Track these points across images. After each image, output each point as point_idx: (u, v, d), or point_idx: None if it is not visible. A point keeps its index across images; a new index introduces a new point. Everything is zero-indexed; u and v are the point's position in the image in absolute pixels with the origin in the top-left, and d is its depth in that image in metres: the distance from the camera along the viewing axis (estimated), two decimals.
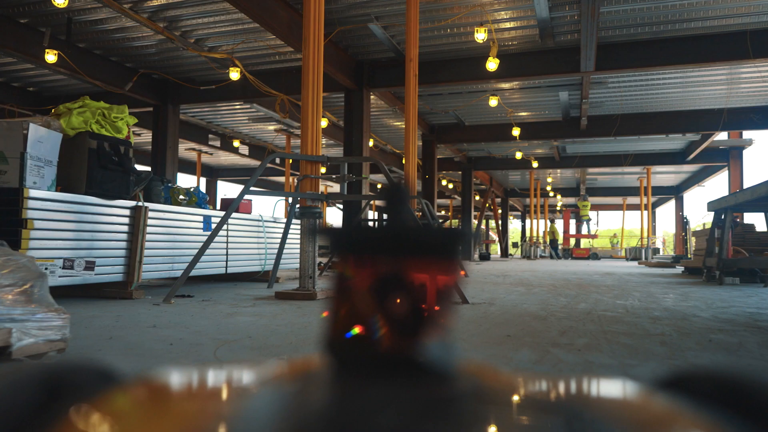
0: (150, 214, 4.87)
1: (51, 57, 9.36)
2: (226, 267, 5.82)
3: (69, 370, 0.40)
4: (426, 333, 0.38)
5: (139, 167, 6.53)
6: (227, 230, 5.85)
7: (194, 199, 5.67)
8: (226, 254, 5.83)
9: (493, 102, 11.85)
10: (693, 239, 11.23)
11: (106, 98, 12.70)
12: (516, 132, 13.76)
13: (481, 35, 8.49)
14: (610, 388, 0.42)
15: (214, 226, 5.67)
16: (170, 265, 5.09)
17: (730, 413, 0.35)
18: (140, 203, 4.67)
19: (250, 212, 6.42)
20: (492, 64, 9.32)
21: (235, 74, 9.94)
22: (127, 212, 4.60)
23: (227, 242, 5.85)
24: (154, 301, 4.49)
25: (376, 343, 0.38)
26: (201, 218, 5.46)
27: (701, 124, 13.14)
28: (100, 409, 0.34)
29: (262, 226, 6.43)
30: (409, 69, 8.20)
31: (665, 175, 21.97)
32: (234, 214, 6.05)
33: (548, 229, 24.55)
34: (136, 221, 4.64)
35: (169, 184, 5.68)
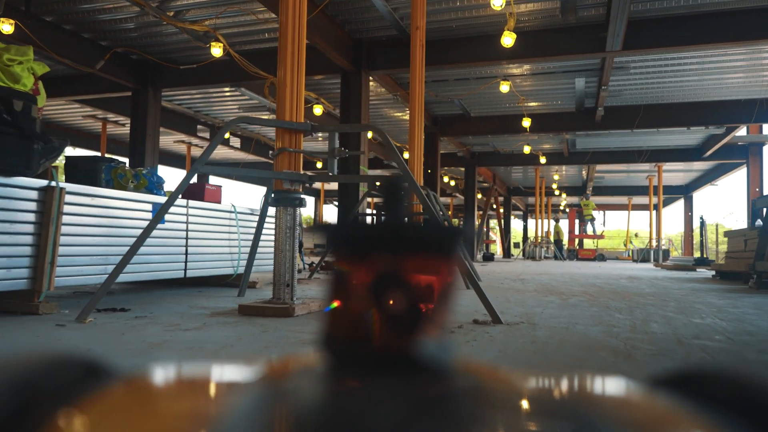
0: (73, 199, 3.52)
1: (7, 27, 7.97)
2: (185, 269, 4.47)
3: (56, 365, 0.38)
4: (423, 330, 0.37)
5: (116, 158, 5.19)
6: (187, 223, 4.50)
7: (143, 182, 4.32)
8: (185, 253, 4.47)
9: (505, 87, 10.50)
10: (726, 240, 9.88)
11: (79, 81, 11.40)
12: (526, 123, 12.41)
13: (497, 1, 7.14)
14: (609, 386, 0.41)
15: (168, 216, 4.32)
16: (103, 267, 3.73)
17: (730, 413, 0.34)
18: (53, 183, 3.31)
19: (219, 201, 5.06)
20: (508, 39, 7.97)
21: (217, 50, 8.58)
22: (32, 195, 3.24)
23: (186, 238, 4.49)
24: (65, 318, 3.13)
25: (373, 341, 0.37)
26: (150, 206, 4.10)
27: (731, 115, 11.80)
28: (90, 408, 0.32)
29: (236, 219, 5.08)
30: (416, 38, 6.87)
31: (674, 173, 20.60)
32: (197, 204, 4.69)
33: (554, 229, 23.09)
34: (47, 208, 3.28)
35: (112, 164, 4.33)
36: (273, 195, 3.59)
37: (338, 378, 0.37)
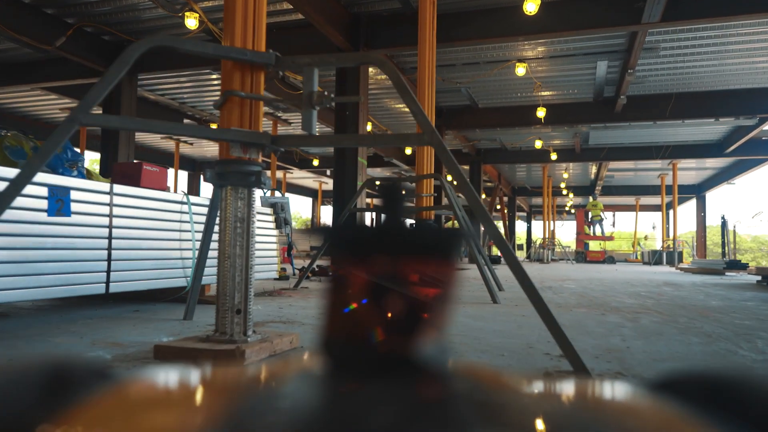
0: None
1: None
2: (107, 282, 3.06)
3: (63, 368, 0.37)
4: (423, 333, 0.36)
5: (90, 154, 3.84)
6: (110, 217, 3.09)
7: None
8: (108, 259, 3.07)
9: (521, 70, 9.14)
10: (742, 243, 8.48)
11: (46, 66, 9.98)
12: (541, 113, 11.02)
13: None
14: (612, 391, 0.40)
15: (78, 206, 2.92)
16: None
17: (735, 418, 0.33)
18: None
19: (164, 188, 3.65)
20: (531, 5, 6.62)
21: (192, 21, 7.20)
22: None
23: (110, 238, 3.09)
24: None
25: (372, 344, 0.36)
26: (45, 190, 2.70)
27: (765, 105, 10.42)
28: (94, 410, 0.32)
29: (189, 213, 3.68)
30: None
31: (686, 172, 19.14)
32: (128, 191, 3.28)
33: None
34: None
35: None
36: (215, 168, 2.19)
37: (337, 380, 0.36)
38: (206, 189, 19.55)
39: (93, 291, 2.97)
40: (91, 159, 18.82)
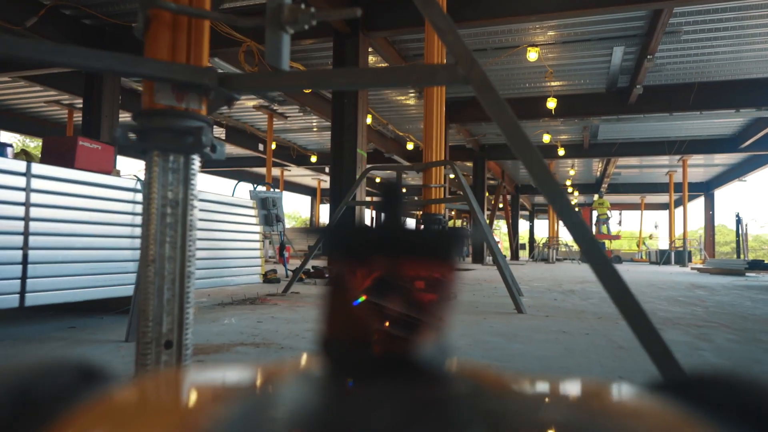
0: None
1: None
2: (22, 292, 2.27)
3: (51, 371, 0.35)
4: (423, 334, 0.36)
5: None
6: (27, 206, 2.30)
7: None
8: (23, 261, 2.29)
9: (533, 55, 8.35)
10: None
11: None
12: (551, 104, 10.25)
13: None
14: (615, 393, 0.39)
15: None
16: None
17: (738, 420, 0.32)
18: None
19: (108, 170, 2.85)
20: None
21: None
22: None
23: (26, 234, 2.30)
24: None
25: (371, 344, 0.36)
26: None
27: None
28: (86, 415, 0.30)
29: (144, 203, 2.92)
30: None
31: (694, 169, 18.32)
32: (54, 172, 2.48)
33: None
34: None
35: None
36: (134, 123, 1.42)
37: (336, 381, 0.35)
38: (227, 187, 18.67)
39: (6, 304, 2.18)
40: None
